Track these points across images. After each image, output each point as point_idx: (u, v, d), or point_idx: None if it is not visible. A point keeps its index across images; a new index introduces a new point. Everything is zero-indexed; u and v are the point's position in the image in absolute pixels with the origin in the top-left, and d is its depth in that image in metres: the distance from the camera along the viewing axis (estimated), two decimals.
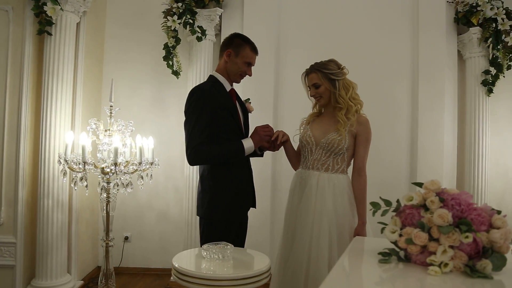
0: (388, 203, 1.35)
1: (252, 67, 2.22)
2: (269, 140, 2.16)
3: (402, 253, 1.30)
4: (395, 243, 1.28)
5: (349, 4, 3.54)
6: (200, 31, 3.26)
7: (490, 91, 3.31)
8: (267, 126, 2.18)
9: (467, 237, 1.14)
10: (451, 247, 1.17)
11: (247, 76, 2.23)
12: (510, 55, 3.29)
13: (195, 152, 1.98)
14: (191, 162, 2.04)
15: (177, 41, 3.28)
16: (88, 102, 3.34)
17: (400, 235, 1.26)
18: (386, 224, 1.35)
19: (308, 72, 2.20)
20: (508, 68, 3.30)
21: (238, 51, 2.12)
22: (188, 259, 1.77)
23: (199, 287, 1.61)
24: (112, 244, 2.71)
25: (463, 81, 3.51)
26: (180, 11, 3.20)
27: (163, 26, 3.28)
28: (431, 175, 3.34)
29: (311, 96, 2.21)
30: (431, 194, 1.25)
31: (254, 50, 2.17)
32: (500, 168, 3.51)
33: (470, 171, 3.39)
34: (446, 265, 1.16)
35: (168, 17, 3.22)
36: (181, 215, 3.53)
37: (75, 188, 2.52)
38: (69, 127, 2.97)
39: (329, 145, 2.08)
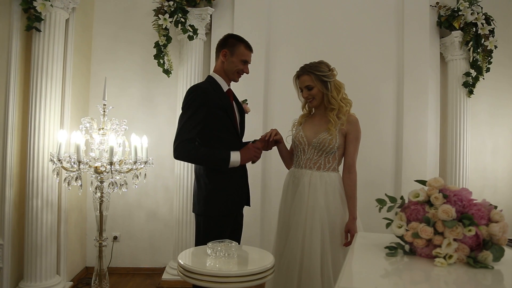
0: (393, 199, 1.42)
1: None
2: (256, 160, 2.21)
3: (407, 247, 1.38)
4: (401, 237, 1.35)
5: (337, 5, 3.61)
6: (191, 30, 3.25)
7: (470, 92, 3.46)
8: (259, 148, 2.19)
9: (470, 230, 1.23)
10: (455, 240, 1.25)
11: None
12: (489, 58, 3.45)
13: (182, 146, 2.01)
14: (176, 155, 2.06)
15: (168, 39, 3.27)
16: (77, 100, 3.28)
17: (406, 230, 1.33)
18: (390, 220, 1.42)
19: (299, 74, 2.23)
20: (487, 70, 3.47)
21: (233, 50, 2.17)
22: (193, 256, 1.79)
23: (207, 283, 1.64)
24: (106, 244, 2.69)
25: (445, 83, 3.66)
26: (172, 9, 3.19)
27: (154, 24, 3.26)
28: (415, 173, 3.47)
29: (303, 97, 2.26)
30: (435, 191, 1.32)
31: (249, 48, 2.22)
32: (479, 165, 3.69)
33: (451, 169, 3.54)
34: (450, 257, 1.24)
35: (160, 15, 3.20)
36: (171, 214, 3.53)
37: (69, 188, 2.48)
38: (58, 126, 2.91)
39: (321, 145, 2.14)
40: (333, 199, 2.13)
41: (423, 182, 1.39)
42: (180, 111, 2.12)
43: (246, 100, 2.46)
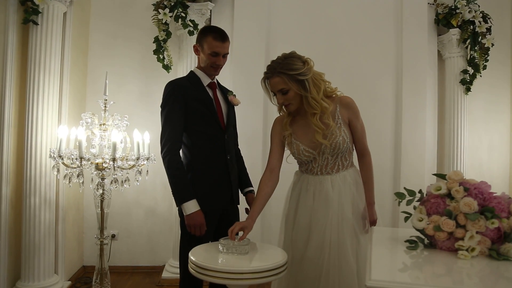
0: (412, 193, 1.42)
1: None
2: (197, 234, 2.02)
3: (426, 240, 1.38)
4: (421, 230, 1.35)
5: (337, 3, 3.61)
6: (192, 25, 3.21)
7: (468, 89, 3.51)
8: (201, 225, 2.00)
9: (493, 223, 1.23)
10: (477, 232, 1.25)
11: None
12: (486, 56, 3.50)
13: (169, 154, 2.02)
14: (163, 158, 2.06)
15: (168, 34, 3.23)
16: (74, 96, 3.21)
17: (427, 223, 1.33)
18: (409, 214, 1.42)
19: (268, 76, 1.89)
20: (484, 68, 3.52)
21: (202, 44, 2.09)
22: (205, 253, 1.76)
23: (219, 280, 1.61)
24: (107, 242, 2.64)
25: (443, 80, 3.70)
26: (172, 4, 3.15)
27: (153, 19, 3.21)
28: (414, 170, 3.51)
29: (279, 103, 1.93)
30: (455, 184, 1.33)
31: (219, 38, 2.05)
32: (475, 162, 3.74)
33: (449, 166, 3.58)
34: (473, 249, 1.25)
35: (160, 10, 3.16)
36: (170, 211, 3.48)
37: (70, 184, 2.43)
38: (56, 122, 2.85)
39: (336, 148, 1.90)
40: (358, 196, 1.97)
41: (442, 176, 1.39)
42: None
43: (231, 92, 2.30)
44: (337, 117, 1.90)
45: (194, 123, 2.06)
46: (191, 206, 1.97)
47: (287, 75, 1.80)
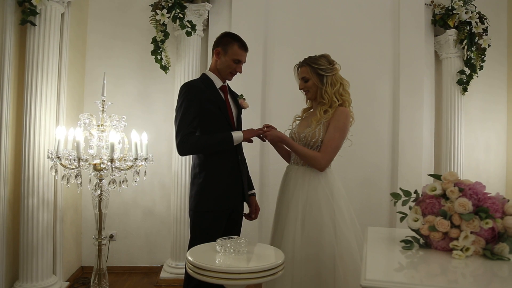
0: (407, 193, 1.43)
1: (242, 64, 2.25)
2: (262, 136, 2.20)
3: (421, 240, 1.39)
4: (416, 230, 1.36)
5: (334, 3, 3.62)
6: (189, 26, 3.22)
7: (465, 89, 3.52)
8: (257, 132, 2.20)
9: (487, 223, 1.24)
10: (471, 232, 1.27)
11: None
12: (483, 56, 3.52)
13: (184, 141, 2.03)
14: (181, 151, 2.08)
15: (166, 35, 3.23)
16: (72, 97, 3.21)
17: (423, 223, 1.34)
18: (405, 214, 1.43)
19: (299, 65, 2.25)
20: (481, 68, 3.53)
21: (226, 49, 2.15)
22: (203, 253, 1.77)
23: (216, 280, 1.62)
24: (105, 243, 2.65)
25: (439, 80, 3.71)
26: (169, 4, 3.15)
27: (151, 20, 3.22)
28: (411, 170, 3.53)
29: (299, 88, 2.27)
30: (450, 185, 1.34)
31: (243, 47, 2.19)
32: (472, 162, 3.76)
33: (446, 166, 3.59)
34: (467, 249, 1.26)
35: (157, 11, 3.16)
36: (168, 211, 3.50)
37: (68, 185, 2.43)
38: (54, 122, 2.85)
39: (305, 139, 2.12)
40: (315, 197, 2.06)
41: (437, 176, 1.40)
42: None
43: (242, 95, 2.38)
44: (325, 119, 2.12)
45: (207, 123, 2.11)
46: (237, 136, 2.09)
47: (311, 67, 2.15)
